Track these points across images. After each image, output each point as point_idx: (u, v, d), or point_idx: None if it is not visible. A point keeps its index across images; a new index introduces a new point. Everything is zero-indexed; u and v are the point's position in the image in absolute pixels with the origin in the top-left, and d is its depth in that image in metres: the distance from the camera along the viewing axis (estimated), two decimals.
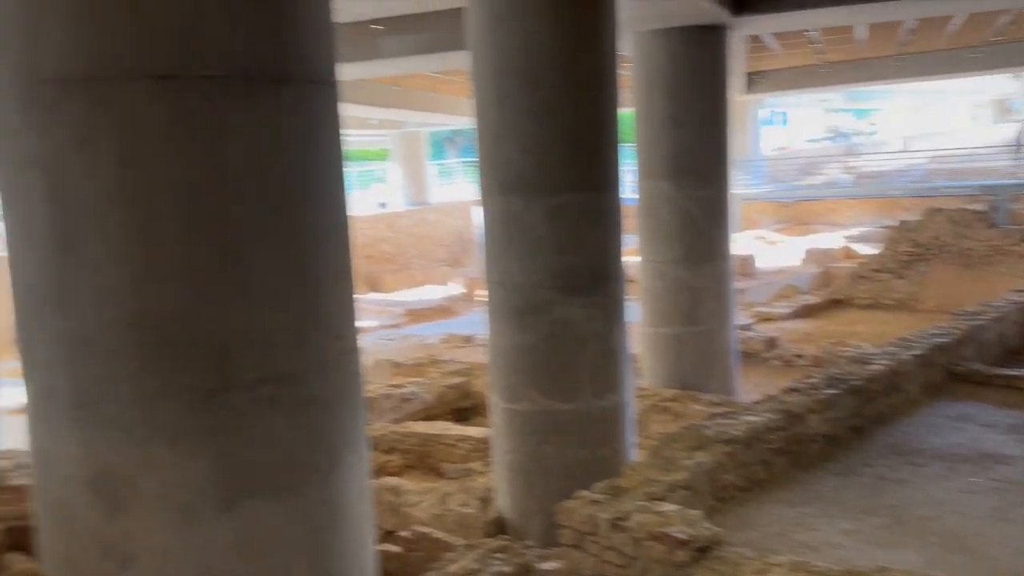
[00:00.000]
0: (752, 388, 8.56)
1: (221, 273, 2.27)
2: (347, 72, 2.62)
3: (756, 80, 18.38)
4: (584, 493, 4.47)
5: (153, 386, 2.23)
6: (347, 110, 2.66)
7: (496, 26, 5.40)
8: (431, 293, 19.92)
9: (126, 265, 2.20)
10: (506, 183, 5.54)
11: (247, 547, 2.33)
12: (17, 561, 5.57)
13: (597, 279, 5.58)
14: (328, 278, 2.54)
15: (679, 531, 3.83)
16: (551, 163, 5.43)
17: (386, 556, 5.00)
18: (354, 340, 2.69)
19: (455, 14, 7.93)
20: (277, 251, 2.36)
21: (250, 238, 2.30)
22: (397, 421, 8.37)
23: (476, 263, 22.13)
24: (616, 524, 4.10)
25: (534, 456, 5.55)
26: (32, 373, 2.36)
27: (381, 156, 28.90)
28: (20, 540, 5.66)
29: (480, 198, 5.79)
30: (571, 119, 5.43)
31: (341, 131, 2.62)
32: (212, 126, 2.23)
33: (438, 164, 31.71)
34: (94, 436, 2.26)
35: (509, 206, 5.54)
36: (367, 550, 2.70)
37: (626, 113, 6.26)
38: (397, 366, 10.94)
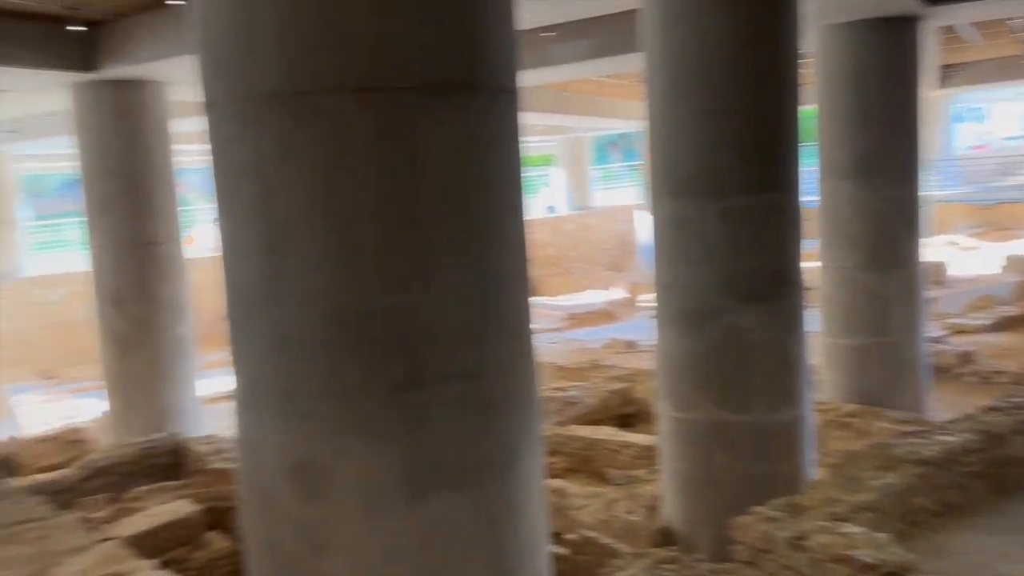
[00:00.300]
0: (944, 406, 7.93)
1: (412, 274, 2.36)
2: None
3: (950, 74, 17.05)
4: (760, 509, 4.32)
5: (349, 381, 2.35)
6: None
7: (670, 25, 5.31)
8: (593, 297, 19.90)
9: (327, 266, 2.33)
10: (678, 185, 5.44)
11: (432, 538, 2.42)
12: (216, 539, 6.05)
13: (774, 285, 5.36)
14: (508, 280, 2.59)
15: (866, 555, 3.62)
16: (725, 164, 5.28)
17: (554, 557, 5.03)
18: (530, 342, 2.73)
19: (625, 17, 7.88)
20: (462, 254, 2.43)
21: (438, 241, 2.38)
22: (561, 424, 8.41)
23: (638, 267, 21.90)
24: (795, 543, 3.94)
25: (704, 467, 5.39)
26: (240, 366, 2.55)
27: (545, 161, 29.25)
28: (219, 519, 6.16)
29: (649, 201, 5.71)
30: (747, 118, 5.25)
31: (521, 137, 2.66)
32: (405, 135, 2.32)
33: (601, 168, 31.69)
34: (294, 427, 2.41)
35: (680, 209, 5.43)
36: (542, 549, 2.73)
37: (807, 111, 5.97)
38: (560, 369, 11.00)
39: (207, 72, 2.49)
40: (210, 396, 9.57)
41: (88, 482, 7.15)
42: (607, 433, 8.04)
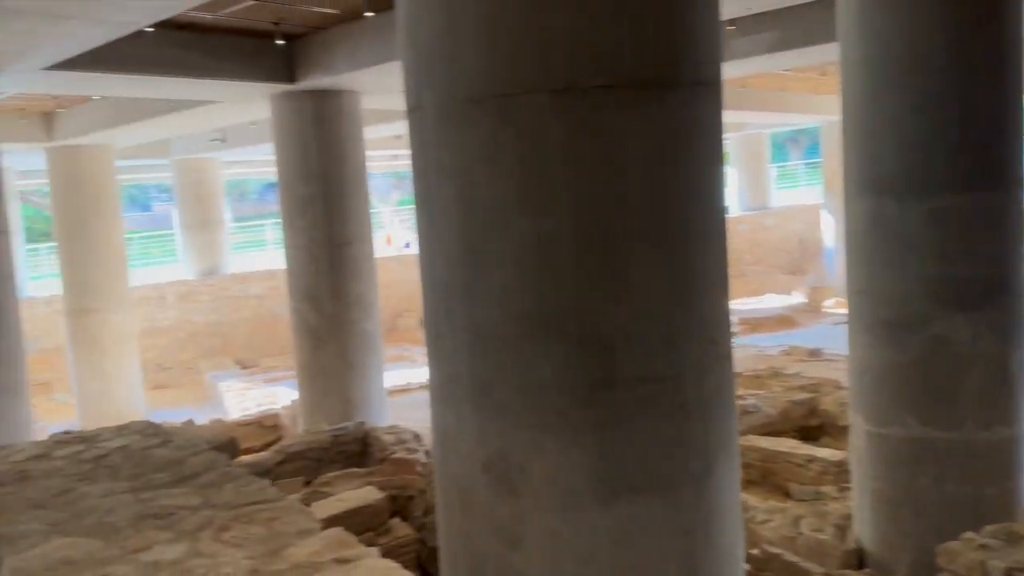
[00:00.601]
0: None
1: (607, 274, 2.34)
2: None
3: None
4: (970, 535, 3.98)
5: (543, 378, 2.37)
6: None
7: (873, 12, 4.98)
8: (769, 302, 19.09)
9: (524, 265, 2.36)
10: (877, 183, 5.09)
11: (625, 539, 2.39)
12: (398, 526, 6.29)
13: (989, 292, 4.89)
14: (705, 282, 2.52)
15: None
16: (934, 160, 4.88)
17: None
18: (728, 346, 2.63)
19: (810, 8, 7.51)
20: (659, 254, 2.39)
21: (634, 241, 2.35)
22: (739, 433, 8.10)
23: (822, 271, 20.76)
24: (1012, 575, 3.58)
25: (904, 487, 5.01)
26: (438, 361, 2.62)
27: None
28: (401, 507, 6.41)
29: (832, 200, 5.38)
30: (960, 110, 4.83)
31: (722, 132, 2.57)
32: (603, 134, 2.31)
33: (778, 167, 30.36)
34: (490, 421, 2.45)
35: (880, 208, 5.07)
36: (737, 560, 2.62)
37: None
38: (736, 375, 10.61)
39: (412, 78, 2.58)
40: (392, 388, 10.00)
41: (283, 465, 7.65)
42: (790, 446, 7.66)
